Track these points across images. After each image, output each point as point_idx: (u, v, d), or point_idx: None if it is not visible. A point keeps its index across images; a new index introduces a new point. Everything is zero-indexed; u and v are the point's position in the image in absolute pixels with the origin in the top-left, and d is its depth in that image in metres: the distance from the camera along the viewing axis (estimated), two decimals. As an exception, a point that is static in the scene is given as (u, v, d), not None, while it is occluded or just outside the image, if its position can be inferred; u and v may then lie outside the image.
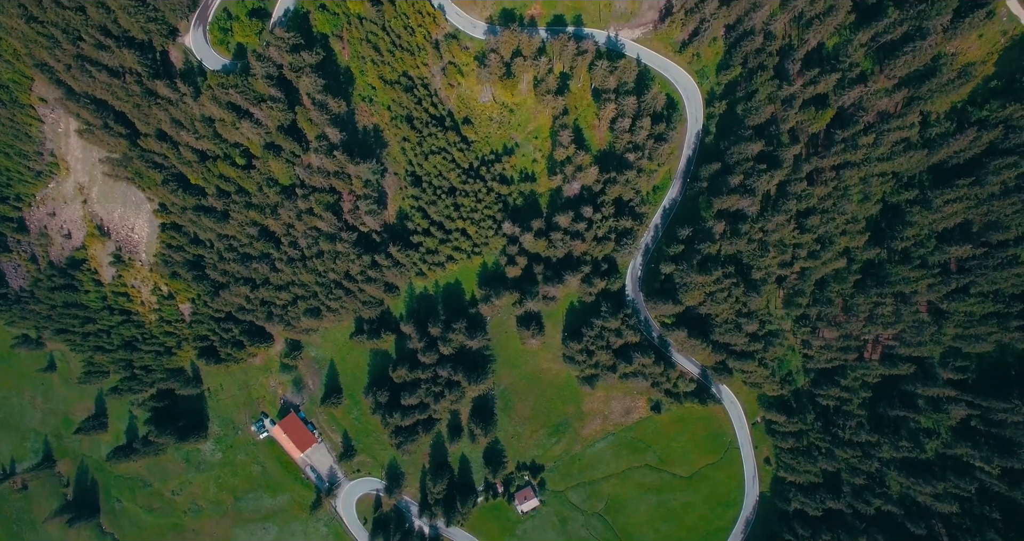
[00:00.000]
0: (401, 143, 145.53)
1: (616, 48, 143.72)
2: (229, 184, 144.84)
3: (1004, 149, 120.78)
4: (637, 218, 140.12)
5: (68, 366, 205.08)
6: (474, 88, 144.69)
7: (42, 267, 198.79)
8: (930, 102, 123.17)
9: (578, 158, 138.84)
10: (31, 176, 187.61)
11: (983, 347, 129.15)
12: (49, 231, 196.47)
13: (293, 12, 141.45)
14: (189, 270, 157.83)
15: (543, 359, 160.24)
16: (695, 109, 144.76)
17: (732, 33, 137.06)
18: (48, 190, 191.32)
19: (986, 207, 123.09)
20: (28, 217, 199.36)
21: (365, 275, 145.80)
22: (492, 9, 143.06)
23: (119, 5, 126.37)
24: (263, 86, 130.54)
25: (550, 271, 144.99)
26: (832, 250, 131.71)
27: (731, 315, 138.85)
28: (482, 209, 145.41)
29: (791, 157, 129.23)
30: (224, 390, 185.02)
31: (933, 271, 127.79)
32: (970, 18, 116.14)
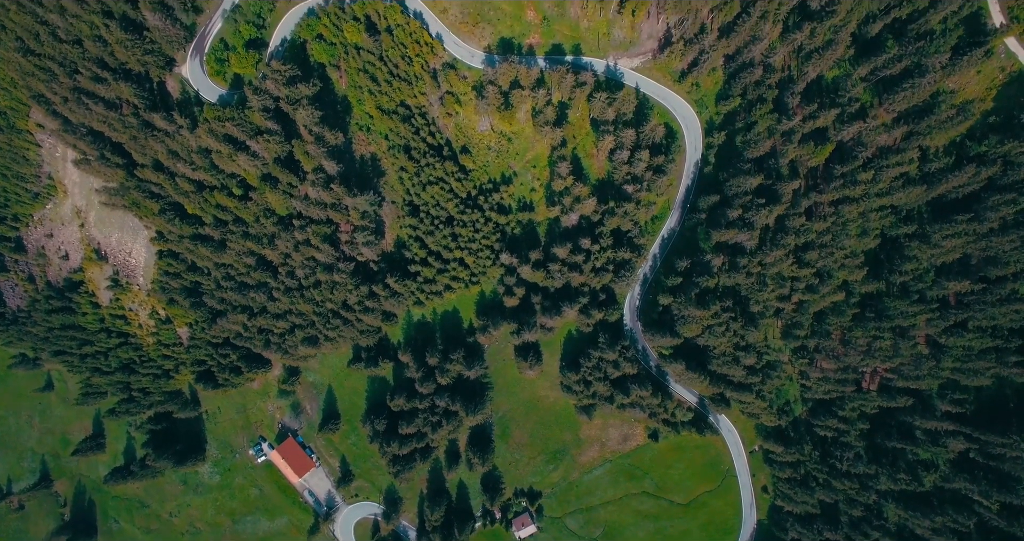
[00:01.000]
0: (399, 172, 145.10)
1: (615, 77, 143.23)
2: (226, 213, 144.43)
3: (1003, 185, 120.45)
4: (635, 250, 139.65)
5: (66, 386, 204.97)
6: (472, 117, 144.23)
7: (40, 287, 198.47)
8: (929, 138, 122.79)
9: (576, 189, 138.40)
10: (28, 197, 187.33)
11: (981, 381, 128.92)
12: (47, 251, 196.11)
13: (290, 42, 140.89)
14: (186, 297, 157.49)
15: (541, 386, 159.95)
16: (694, 138, 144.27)
17: (731, 63, 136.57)
18: (46, 211, 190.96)
19: (985, 242, 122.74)
20: (26, 237, 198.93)
21: (363, 305, 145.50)
22: (490, 38, 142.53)
23: (116, 39, 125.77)
24: (259, 119, 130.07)
25: (548, 301, 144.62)
26: (831, 284, 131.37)
27: (729, 348, 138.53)
28: (480, 239, 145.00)
29: (790, 192, 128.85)
30: (222, 413, 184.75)
31: (932, 306, 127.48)
32: (968, 56, 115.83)
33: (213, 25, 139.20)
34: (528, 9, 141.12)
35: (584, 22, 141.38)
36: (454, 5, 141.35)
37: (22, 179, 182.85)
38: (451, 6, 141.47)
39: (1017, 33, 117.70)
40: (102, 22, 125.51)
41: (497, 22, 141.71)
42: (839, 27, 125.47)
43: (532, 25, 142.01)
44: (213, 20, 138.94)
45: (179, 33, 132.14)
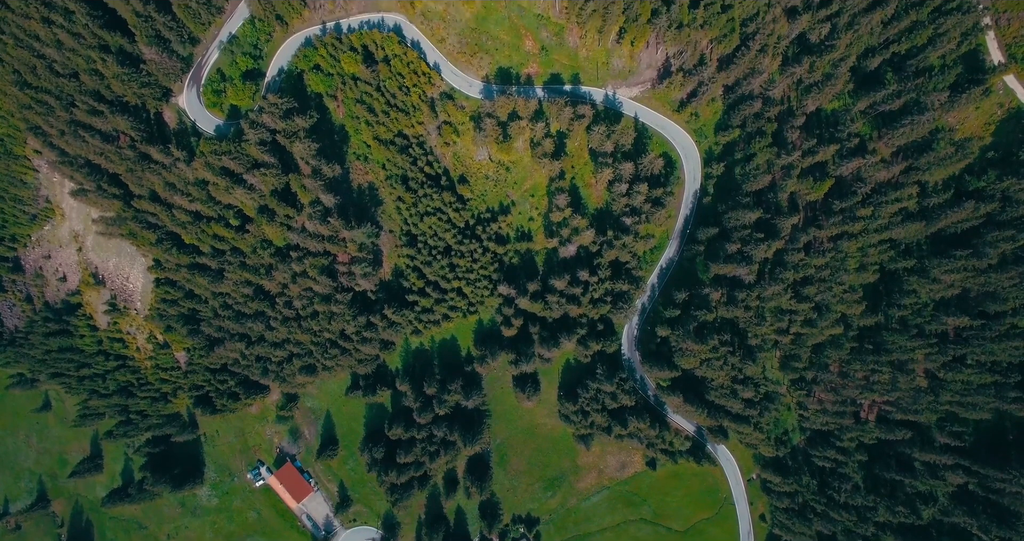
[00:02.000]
0: (396, 202, 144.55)
1: (614, 106, 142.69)
2: (223, 243, 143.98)
3: (1002, 221, 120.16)
4: (633, 282, 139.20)
5: (63, 406, 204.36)
6: (470, 147, 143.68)
7: (37, 307, 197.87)
8: (928, 173, 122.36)
9: (574, 221, 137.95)
10: (26, 219, 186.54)
11: (980, 415, 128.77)
12: (44, 272, 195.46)
13: (287, 72, 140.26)
14: (184, 325, 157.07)
15: (539, 414, 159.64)
16: (693, 168, 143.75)
17: (730, 94, 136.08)
18: (43, 232, 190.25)
19: (984, 278, 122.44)
20: (23, 257, 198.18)
21: (360, 335, 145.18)
22: (488, 68, 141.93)
23: (112, 73, 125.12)
24: (256, 152, 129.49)
25: (546, 332, 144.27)
26: (829, 318, 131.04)
27: (727, 380, 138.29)
28: (477, 269, 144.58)
29: (789, 227, 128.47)
30: (220, 436, 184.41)
31: (930, 341, 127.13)
32: (967, 94, 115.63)
33: (210, 56, 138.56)
34: (526, 39, 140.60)
35: (583, 52, 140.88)
36: (452, 34, 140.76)
37: (19, 201, 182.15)
38: (449, 36, 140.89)
39: (1015, 71, 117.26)
40: (99, 56, 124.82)
41: (495, 52, 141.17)
42: (838, 61, 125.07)
43: (530, 55, 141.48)
44: (210, 51, 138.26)
45: (176, 65, 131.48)
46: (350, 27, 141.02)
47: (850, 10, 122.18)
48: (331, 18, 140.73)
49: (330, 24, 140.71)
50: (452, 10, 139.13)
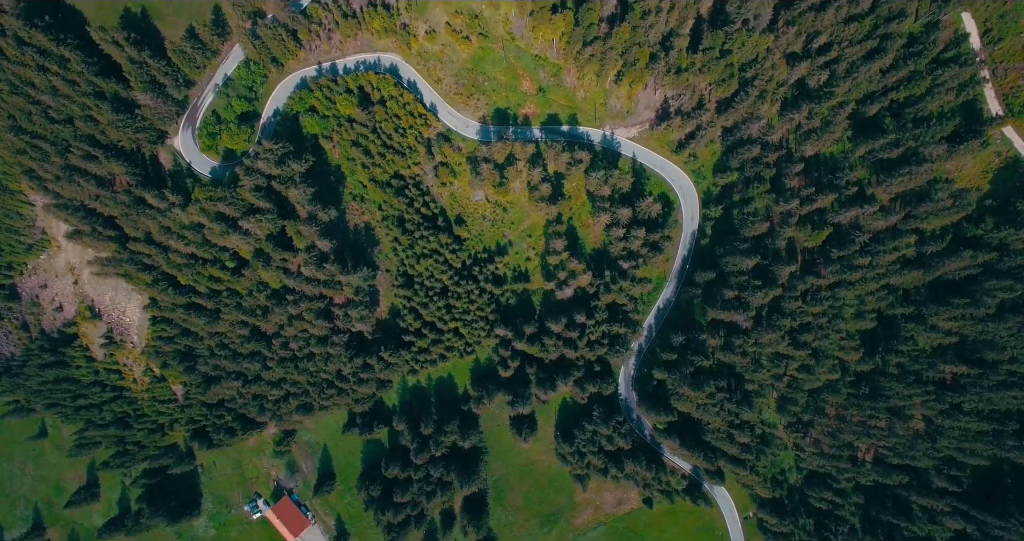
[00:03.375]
0: (393, 243, 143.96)
1: (612, 147, 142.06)
2: (219, 284, 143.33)
3: (1000, 270, 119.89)
4: (630, 325, 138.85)
5: (60, 433, 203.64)
6: (466, 188, 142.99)
7: (34, 335, 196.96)
8: (926, 222, 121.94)
9: (571, 265, 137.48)
10: (22, 248, 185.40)
11: (978, 461, 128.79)
12: (41, 301, 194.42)
13: (282, 114, 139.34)
14: (180, 362, 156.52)
15: (536, 451, 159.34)
16: (691, 208, 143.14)
17: (729, 137, 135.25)
18: (40, 261, 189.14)
19: (982, 326, 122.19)
20: (20, 285, 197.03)
21: (357, 376, 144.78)
22: (485, 109, 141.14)
23: (107, 120, 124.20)
24: (252, 197, 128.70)
25: (543, 373, 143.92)
26: (826, 364, 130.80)
27: (723, 425, 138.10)
28: (474, 310, 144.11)
29: (786, 274, 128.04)
30: (217, 468, 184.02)
31: (927, 388, 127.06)
32: (965, 145, 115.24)
33: (205, 97, 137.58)
34: (524, 79, 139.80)
35: (580, 92, 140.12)
36: (448, 75, 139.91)
37: (15, 232, 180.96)
38: (445, 76, 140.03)
39: (1013, 123, 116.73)
40: (93, 103, 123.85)
41: (492, 93, 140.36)
42: (837, 108, 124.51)
43: (528, 95, 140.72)
44: (205, 92, 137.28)
45: (171, 109, 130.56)
46: (346, 67, 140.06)
47: (849, 58, 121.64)
48: (327, 58, 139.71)
49: (326, 64, 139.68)
50: (449, 51, 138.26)
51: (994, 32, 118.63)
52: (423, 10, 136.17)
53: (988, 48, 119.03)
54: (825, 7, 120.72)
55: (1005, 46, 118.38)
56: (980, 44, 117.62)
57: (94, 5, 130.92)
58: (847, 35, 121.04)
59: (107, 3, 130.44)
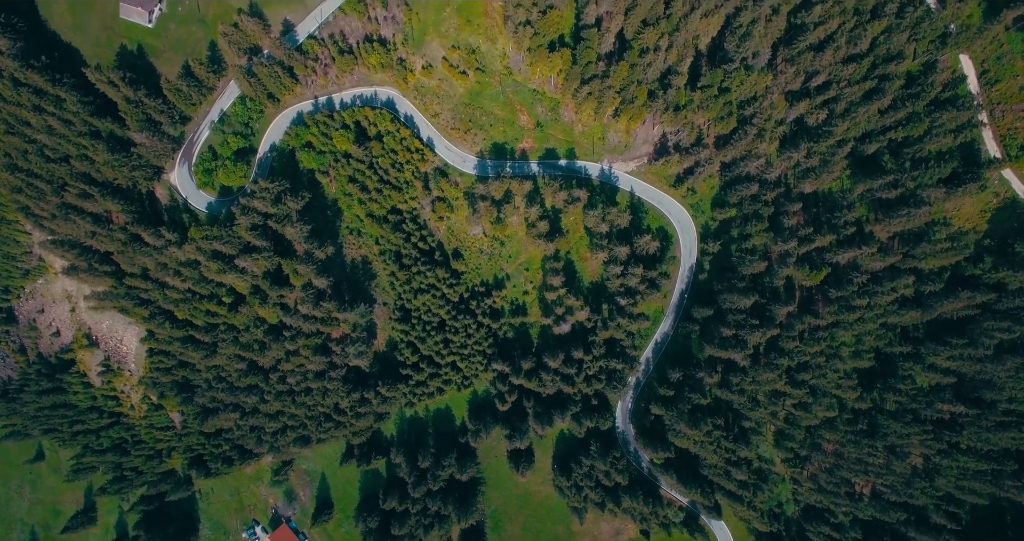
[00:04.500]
0: (390, 277, 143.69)
1: (610, 181, 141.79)
2: (216, 318, 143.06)
3: (998, 311, 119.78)
4: (628, 361, 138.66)
5: (57, 456, 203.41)
6: (464, 222, 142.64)
7: (31, 359, 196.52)
8: (924, 262, 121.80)
9: (568, 300, 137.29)
10: (19, 274, 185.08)
11: (977, 499, 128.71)
12: (38, 325, 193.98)
13: (279, 149, 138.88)
14: (178, 393, 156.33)
15: (533, 481, 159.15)
16: (689, 242, 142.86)
17: (728, 172, 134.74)
18: (37, 285, 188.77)
19: (980, 366, 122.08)
20: (17, 308, 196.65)
21: (355, 411, 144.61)
22: (483, 144, 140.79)
23: (103, 160, 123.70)
24: (248, 235, 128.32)
25: (540, 407, 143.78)
26: (823, 402, 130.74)
27: (720, 462, 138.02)
28: (472, 344, 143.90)
29: (784, 314, 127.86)
30: (215, 494, 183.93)
31: (925, 427, 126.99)
32: (963, 188, 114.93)
33: (201, 133, 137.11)
34: (521, 114, 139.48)
35: (579, 127, 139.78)
36: (446, 110, 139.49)
37: (12, 258, 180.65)
38: (443, 111, 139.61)
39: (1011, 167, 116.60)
40: (89, 143, 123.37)
41: (489, 127, 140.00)
42: (836, 147, 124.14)
43: (525, 130, 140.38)
44: (201, 128, 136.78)
45: (167, 146, 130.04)
46: (343, 102, 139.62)
47: (847, 98, 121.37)
48: (323, 93, 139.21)
49: (322, 99, 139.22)
50: (446, 85, 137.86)
51: (991, 73, 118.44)
52: (420, 45, 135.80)
53: (985, 89, 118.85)
54: (824, 47, 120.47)
55: (1002, 87, 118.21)
56: (978, 87, 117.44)
57: (90, 43, 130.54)
58: (846, 75, 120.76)
59: (103, 41, 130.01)
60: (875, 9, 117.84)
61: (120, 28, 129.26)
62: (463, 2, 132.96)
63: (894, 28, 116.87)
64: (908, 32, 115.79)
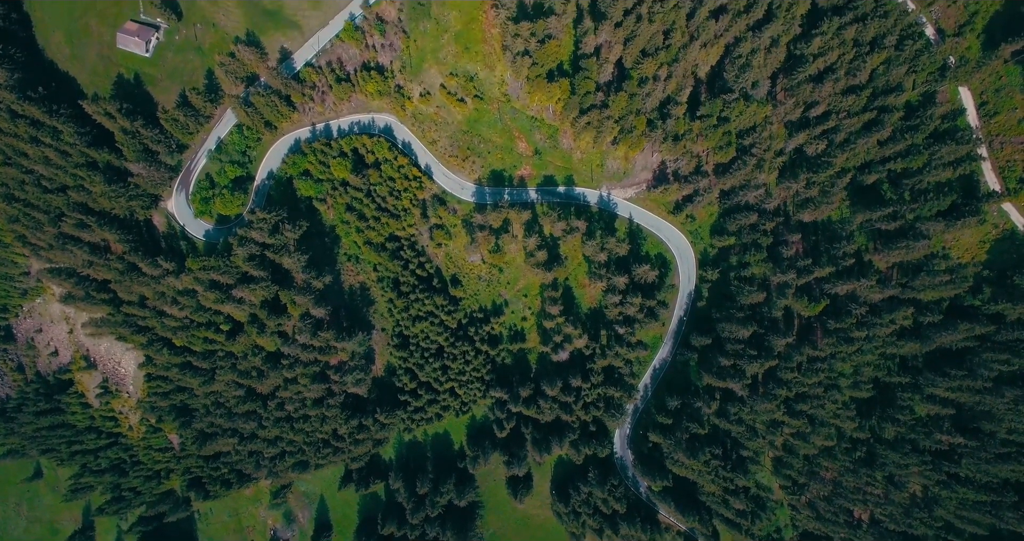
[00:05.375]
0: (388, 304, 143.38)
1: (608, 207, 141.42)
2: (214, 345, 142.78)
3: (997, 342, 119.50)
4: (626, 389, 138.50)
5: (55, 474, 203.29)
6: (462, 249, 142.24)
7: (29, 377, 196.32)
8: (923, 293, 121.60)
9: (567, 329, 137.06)
10: (17, 294, 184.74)
11: (976, 530, 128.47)
12: (36, 344, 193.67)
13: (276, 178, 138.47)
14: (176, 418, 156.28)
15: (532, 505, 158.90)
16: (688, 268, 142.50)
17: (727, 200, 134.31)
18: (35, 304, 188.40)
19: (979, 397, 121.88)
20: (15, 326, 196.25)
21: (353, 437, 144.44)
22: (481, 171, 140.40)
23: (100, 191, 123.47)
24: (245, 266, 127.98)
25: (539, 434, 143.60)
26: (822, 433, 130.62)
27: (718, 490, 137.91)
28: (470, 371, 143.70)
29: (783, 345, 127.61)
30: (214, 515, 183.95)
31: (924, 457, 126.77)
32: (962, 221, 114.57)
33: (198, 161, 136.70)
34: (520, 141, 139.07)
35: (577, 153, 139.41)
36: (443, 137, 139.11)
37: (9, 278, 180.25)
38: (440, 138, 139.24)
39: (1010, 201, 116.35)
40: (86, 174, 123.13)
41: (488, 154, 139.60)
42: (835, 178, 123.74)
43: (524, 157, 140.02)
44: (198, 155, 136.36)
45: (164, 175, 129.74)
46: (340, 128, 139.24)
47: (847, 129, 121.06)
48: (321, 119, 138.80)
49: (320, 125, 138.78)
50: (444, 112, 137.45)
51: (990, 105, 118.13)
52: (418, 72, 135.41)
53: (984, 121, 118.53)
54: (823, 78, 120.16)
55: (1001, 120, 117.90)
56: (977, 121, 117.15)
57: (88, 72, 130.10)
58: (845, 106, 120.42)
59: (100, 70, 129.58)
60: (874, 41, 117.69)
61: (117, 58, 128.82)
62: (461, 30, 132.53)
63: (893, 60, 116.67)
64: (907, 65, 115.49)
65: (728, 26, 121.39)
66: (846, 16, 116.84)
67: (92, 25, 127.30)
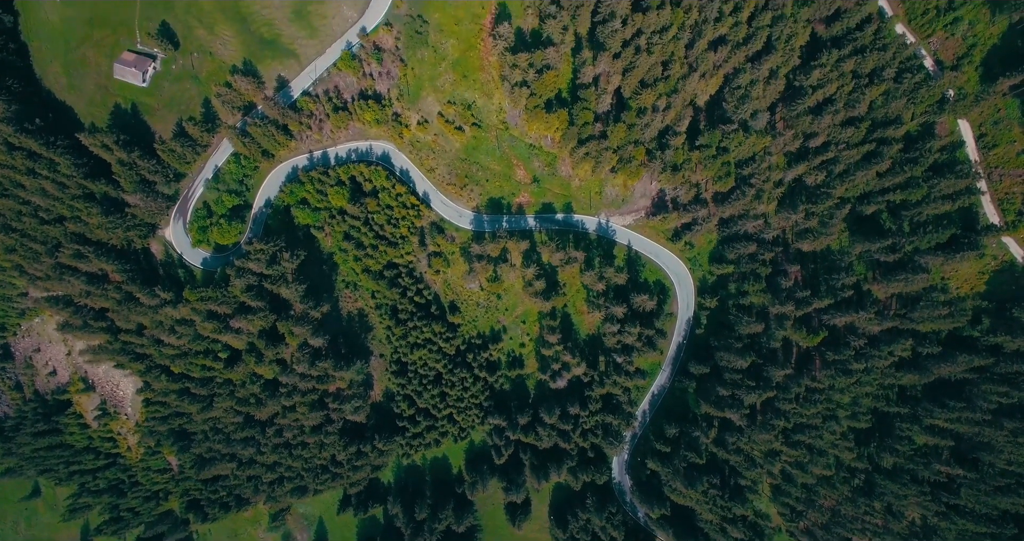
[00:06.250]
0: (386, 331, 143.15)
1: (607, 234, 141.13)
2: (213, 372, 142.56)
3: (996, 375, 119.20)
4: (624, 417, 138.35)
5: (53, 492, 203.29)
6: (460, 276, 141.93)
7: (27, 396, 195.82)
8: (922, 325, 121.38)
9: (565, 357, 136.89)
10: (15, 314, 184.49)
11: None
12: (35, 363, 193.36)
13: (274, 206, 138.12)
14: (174, 442, 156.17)
15: (530, 530, 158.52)
16: (686, 295, 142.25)
17: (725, 228, 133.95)
18: (33, 324, 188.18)
19: (978, 429, 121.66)
20: (13, 345, 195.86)
21: (351, 464, 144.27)
22: (479, 199, 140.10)
23: (97, 223, 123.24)
24: (243, 296, 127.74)
25: (537, 460, 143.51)
26: (820, 462, 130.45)
27: (716, 519, 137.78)
28: (468, 398, 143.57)
29: (781, 376, 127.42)
30: (213, 536, 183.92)
31: (923, 488, 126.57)
32: (961, 255, 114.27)
33: (196, 189, 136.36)
34: (518, 168, 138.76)
35: (575, 181, 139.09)
36: (441, 165, 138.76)
37: (7, 299, 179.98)
38: (438, 165, 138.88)
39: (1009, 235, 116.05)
40: (83, 206, 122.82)
41: (486, 182, 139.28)
42: (834, 209, 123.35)
43: (522, 184, 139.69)
44: (196, 184, 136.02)
45: (161, 205, 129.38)
46: (338, 156, 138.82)
47: (846, 160, 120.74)
48: (318, 147, 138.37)
49: (317, 153, 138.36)
50: (442, 140, 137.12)
51: (988, 138, 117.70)
52: (415, 100, 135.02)
53: (983, 153, 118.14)
54: (822, 110, 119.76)
55: (1000, 152, 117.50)
56: (977, 155, 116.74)
57: (85, 102, 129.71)
58: (844, 138, 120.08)
59: (98, 100, 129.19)
60: (873, 73, 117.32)
61: (114, 87, 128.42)
62: (459, 58, 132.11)
63: (892, 93, 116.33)
64: (906, 98, 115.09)
65: (727, 57, 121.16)
66: (845, 48, 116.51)
67: (89, 55, 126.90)
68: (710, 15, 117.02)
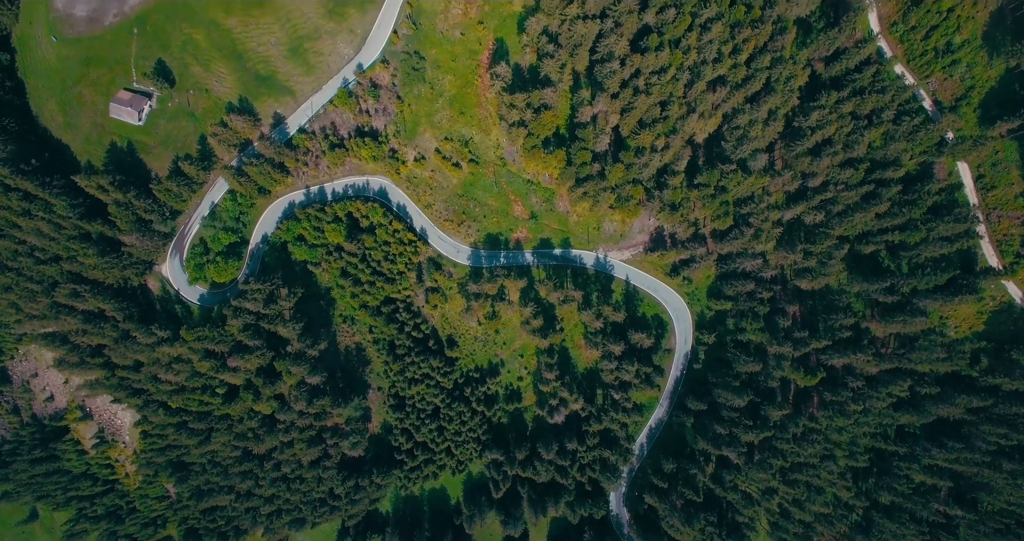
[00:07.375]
0: (384, 366, 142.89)
1: (604, 269, 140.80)
2: (210, 407, 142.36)
3: (995, 415, 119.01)
4: (622, 453, 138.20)
5: (51, 516, 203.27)
6: (458, 312, 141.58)
7: (24, 420, 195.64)
8: (920, 366, 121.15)
9: (563, 393, 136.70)
10: (12, 340, 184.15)
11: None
12: (32, 388, 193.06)
13: (271, 243, 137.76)
14: (172, 473, 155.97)
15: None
16: (684, 330, 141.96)
17: (724, 265, 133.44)
18: (31, 349, 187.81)
19: (977, 469, 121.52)
20: (11, 368, 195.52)
21: (349, 497, 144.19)
22: (476, 234, 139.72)
23: (94, 263, 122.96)
24: (240, 336, 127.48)
25: (535, 494, 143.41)
26: (818, 501, 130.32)
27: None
28: (466, 432, 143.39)
29: (779, 416, 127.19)
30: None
31: (922, 528, 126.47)
32: (959, 298, 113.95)
33: (192, 224, 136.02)
34: (515, 204, 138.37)
35: (573, 216, 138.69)
36: (439, 201, 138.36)
37: (4, 326, 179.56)
38: (436, 201, 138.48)
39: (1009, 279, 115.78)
40: (79, 247, 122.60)
41: (483, 218, 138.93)
42: (833, 249, 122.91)
43: (520, 220, 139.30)
44: (192, 220, 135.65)
45: (158, 243, 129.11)
46: (335, 191, 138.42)
47: (844, 201, 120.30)
48: (315, 183, 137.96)
49: (314, 188, 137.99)
50: (439, 176, 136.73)
51: (987, 179, 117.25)
52: (412, 136, 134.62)
53: (982, 194, 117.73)
54: (821, 151, 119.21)
55: (998, 194, 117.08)
56: (976, 196, 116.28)
57: (81, 140, 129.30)
58: (843, 178, 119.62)
59: (94, 138, 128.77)
60: (872, 115, 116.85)
61: (110, 126, 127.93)
62: (456, 94, 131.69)
63: (891, 134, 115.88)
64: (905, 139, 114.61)
65: (726, 98, 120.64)
66: (844, 90, 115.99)
67: (85, 94, 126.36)
68: (709, 56, 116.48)
